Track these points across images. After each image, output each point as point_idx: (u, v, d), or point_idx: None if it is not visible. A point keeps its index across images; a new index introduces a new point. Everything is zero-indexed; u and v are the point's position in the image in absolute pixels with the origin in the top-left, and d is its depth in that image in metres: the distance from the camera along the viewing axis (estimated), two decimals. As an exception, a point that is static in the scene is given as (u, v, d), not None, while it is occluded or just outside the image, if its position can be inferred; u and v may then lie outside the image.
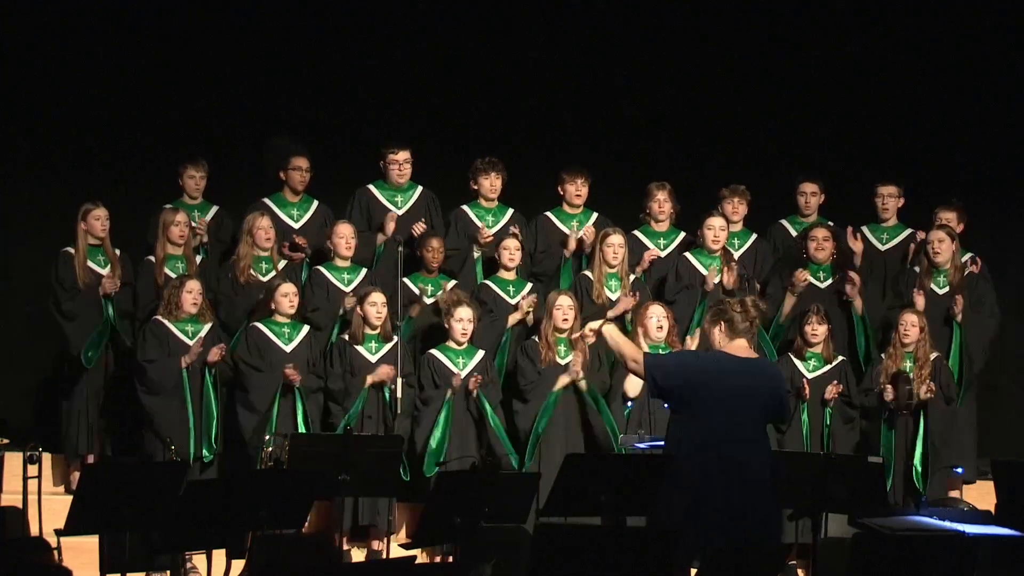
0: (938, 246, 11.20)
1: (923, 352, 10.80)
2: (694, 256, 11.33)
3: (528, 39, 12.53)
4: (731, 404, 7.97)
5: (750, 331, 8.15)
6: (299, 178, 11.36)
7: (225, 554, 8.35)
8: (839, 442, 10.69)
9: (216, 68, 12.12)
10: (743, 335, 8.11)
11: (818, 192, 11.71)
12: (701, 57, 12.63)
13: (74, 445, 10.80)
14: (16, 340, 11.74)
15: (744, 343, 8.12)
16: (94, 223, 10.85)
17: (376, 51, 12.38)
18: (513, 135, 12.33)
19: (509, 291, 11.13)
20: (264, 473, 9.47)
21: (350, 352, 10.59)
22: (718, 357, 8.15)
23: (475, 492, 8.22)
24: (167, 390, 10.36)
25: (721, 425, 7.96)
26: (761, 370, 8.25)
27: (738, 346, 8.10)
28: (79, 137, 11.94)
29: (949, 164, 12.53)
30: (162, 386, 10.37)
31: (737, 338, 8.11)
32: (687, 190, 11.68)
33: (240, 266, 10.92)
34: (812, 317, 10.85)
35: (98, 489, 7.75)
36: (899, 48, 12.64)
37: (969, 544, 7.94)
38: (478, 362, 10.69)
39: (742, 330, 8.10)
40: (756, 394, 8.05)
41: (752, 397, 8.04)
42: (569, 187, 11.48)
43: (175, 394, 10.37)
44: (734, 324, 8.09)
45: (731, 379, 8.00)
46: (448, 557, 9.34)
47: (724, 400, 7.96)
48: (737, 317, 8.08)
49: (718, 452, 7.94)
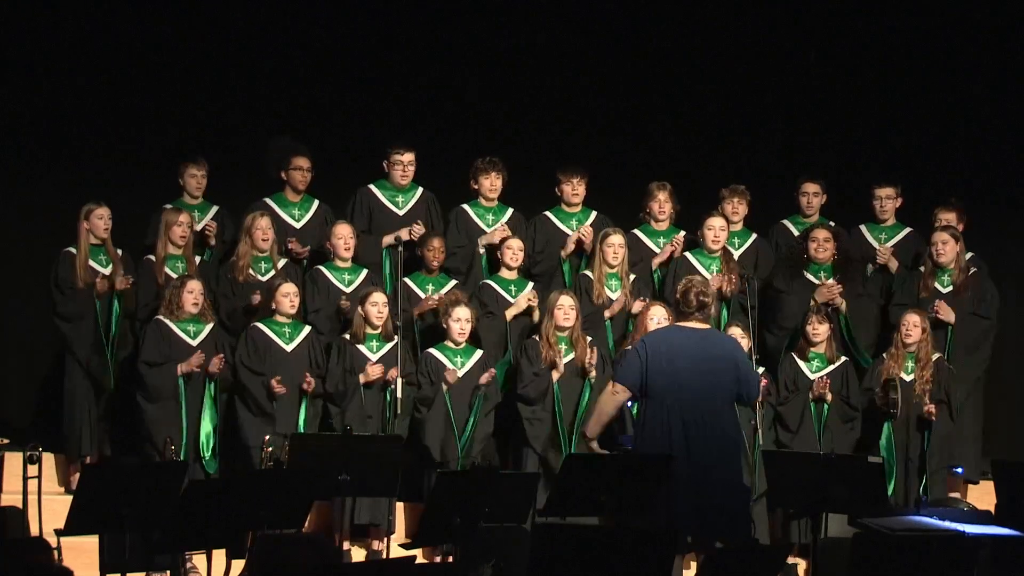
0: (942, 247, 11.20)
1: (925, 353, 10.79)
2: (694, 256, 11.33)
3: (528, 39, 12.53)
4: (689, 372, 8.70)
5: (706, 309, 8.90)
6: (300, 178, 11.36)
7: (225, 554, 8.35)
8: (839, 442, 10.69)
9: (216, 68, 12.11)
10: (699, 314, 8.89)
11: (820, 192, 11.70)
12: (701, 57, 12.63)
13: (74, 445, 10.79)
14: (16, 340, 11.74)
15: (702, 320, 8.92)
16: (96, 222, 10.84)
17: (376, 51, 12.38)
18: (513, 135, 12.33)
19: (511, 291, 11.13)
20: (264, 473, 9.47)
21: (351, 352, 10.60)
22: (669, 332, 9.03)
23: (475, 492, 8.22)
24: (163, 397, 10.36)
25: (688, 392, 8.71)
26: (721, 339, 9.10)
27: (696, 322, 8.88)
28: (79, 137, 11.93)
29: (948, 164, 12.53)
30: (159, 393, 10.37)
31: (696, 315, 8.89)
32: (687, 190, 11.68)
33: (239, 266, 10.92)
34: (813, 317, 10.85)
35: (98, 489, 7.76)
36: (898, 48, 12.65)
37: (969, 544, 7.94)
38: (476, 361, 10.70)
39: (698, 308, 8.87)
40: (719, 359, 8.80)
41: (715, 362, 8.78)
42: (566, 187, 11.48)
43: (171, 401, 10.37)
44: (688, 303, 8.90)
45: (691, 349, 8.75)
46: (448, 557, 9.34)
47: (681, 370, 8.71)
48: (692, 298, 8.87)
49: (684, 418, 8.64)
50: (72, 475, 10.66)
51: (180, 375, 10.36)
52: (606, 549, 6.75)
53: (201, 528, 7.74)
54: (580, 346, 10.72)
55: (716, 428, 8.75)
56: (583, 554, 6.75)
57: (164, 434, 10.23)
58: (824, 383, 10.70)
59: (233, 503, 7.74)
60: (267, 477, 8.84)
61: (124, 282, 10.75)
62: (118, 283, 10.73)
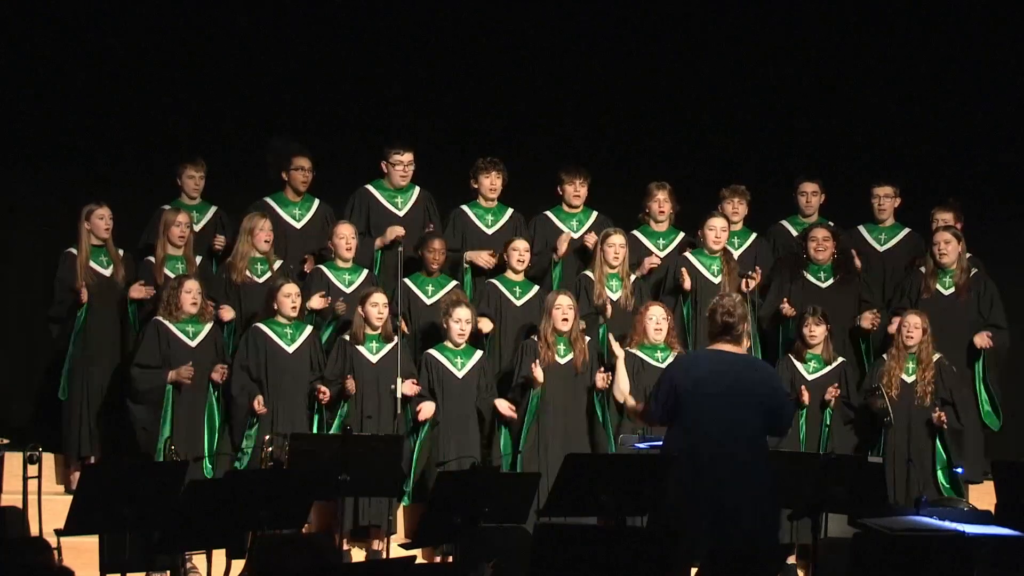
0: (944, 247, 11.18)
1: (926, 354, 10.79)
2: (694, 256, 11.33)
3: (528, 39, 12.53)
4: (722, 402, 8.06)
5: (734, 331, 8.23)
6: (301, 178, 11.36)
7: (225, 554, 8.35)
8: (839, 442, 10.69)
9: (216, 68, 12.12)
10: (727, 335, 8.22)
11: (818, 192, 11.71)
12: (701, 57, 12.64)
13: (74, 445, 10.79)
14: (16, 340, 11.74)
15: (731, 341, 8.23)
16: (98, 223, 10.84)
17: (376, 50, 12.38)
18: (513, 135, 12.34)
19: (515, 292, 11.13)
20: (264, 473, 9.46)
21: (351, 352, 10.60)
22: (705, 356, 8.35)
23: (475, 492, 8.22)
24: (149, 401, 10.36)
25: (715, 424, 8.05)
26: (753, 367, 8.38)
27: (725, 344, 8.23)
28: (79, 137, 11.93)
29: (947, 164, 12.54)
30: (145, 397, 10.37)
31: (723, 337, 8.23)
32: (687, 190, 11.68)
33: (237, 266, 10.92)
34: (809, 318, 10.83)
35: (98, 489, 7.75)
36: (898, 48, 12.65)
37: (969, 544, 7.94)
38: (476, 362, 10.70)
39: (722, 331, 8.21)
40: (750, 391, 8.13)
41: (746, 394, 8.12)
42: (568, 187, 11.48)
43: (155, 405, 10.36)
44: (715, 324, 8.25)
45: (720, 377, 8.11)
46: (448, 557, 9.34)
47: (715, 398, 8.07)
48: (718, 318, 8.22)
49: (711, 452, 8.03)
50: (72, 475, 10.66)
51: (169, 383, 10.36)
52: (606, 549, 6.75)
53: (201, 528, 7.73)
54: (578, 347, 10.71)
55: (745, 464, 8.12)
56: (583, 554, 6.75)
57: (148, 435, 10.25)
58: (835, 391, 10.69)
59: (233, 503, 7.73)
60: (267, 477, 8.83)
61: (145, 291, 10.72)
62: (133, 292, 10.72)
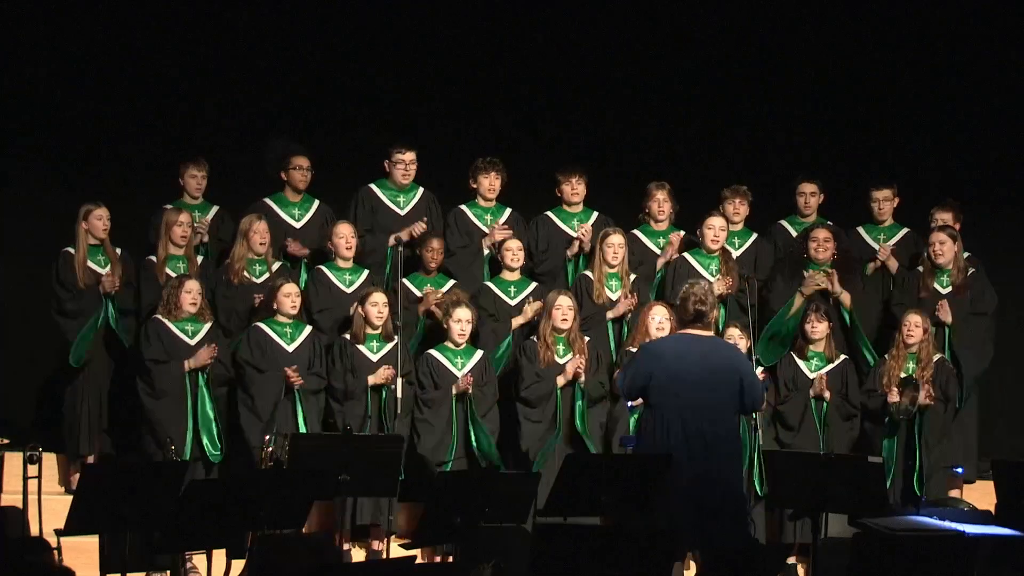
0: (940, 247, 11.19)
1: (926, 353, 10.79)
2: (693, 256, 11.32)
3: (528, 38, 12.53)
4: (694, 381, 8.63)
5: (705, 318, 8.83)
6: (300, 177, 11.36)
7: (225, 554, 8.35)
8: (839, 442, 10.69)
9: (216, 68, 12.11)
10: (699, 323, 8.82)
11: (817, 192, 11.70)
12: (701, 57, 12.63)
13: (74, 445, 10.80)
14: (16, 340, 11.74)
15: (702, 328, 8.85)
16: (95, 223, 10.85)
17: (376, 51, 12.38)
18: (513, 135, 12.34)
19: (510, 292, 11.13)
20: (264, 473, 9.47)
21: (351, 351, 10.60)
22: (677, 339, 8.98)
23: (475, 492, 8.22)
24: (168, 394, 10.36)
25: (688, 404, 8.62)
26: (722, 349, 9.01)
27: (696, 330, 8.82)
28: (79, 137, 11.93)
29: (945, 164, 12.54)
30: (164, 391, 10.37)
31: (695, 324, 8.82)
32: (687, 190, 11.68)
33: (235, 268, 10.92)
34: (812, 315, 10.85)
35: (98, 489, 7.76)
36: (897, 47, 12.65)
37: (969, 544, 7.94)
38: (476, 362, 10.70)
39: (695, 318, 8.81)
40: (721, 371, 8.72)
41: (717, 374, 8.70)
42: (565, 187, 11.49)
43: (177, 398, 10.37)
44: (686, 312, 8.85)
45: (692, 359, 8.68)
46: (448, 557, 9.35)
47: (687, 379, 8.63)
48: (690, 306, 8.82)
49: (684, 431, 8.58)
50: (72, 475, 10.67)
51: (186, 372, 10.36)
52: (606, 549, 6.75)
53: (201, 528, 7.74)
54: (578, 347, 10.71)
55: (716, 440, 8.65)
56: (583, 554, 6.75)
57: (166, 429, 10.24)
58: (823, 381, 10.69)
59: (233, 503, 7.74)
60: (267, 477, 8.84)
61: (110, 283, 10.72)
62: (105, 284, 10.72)
